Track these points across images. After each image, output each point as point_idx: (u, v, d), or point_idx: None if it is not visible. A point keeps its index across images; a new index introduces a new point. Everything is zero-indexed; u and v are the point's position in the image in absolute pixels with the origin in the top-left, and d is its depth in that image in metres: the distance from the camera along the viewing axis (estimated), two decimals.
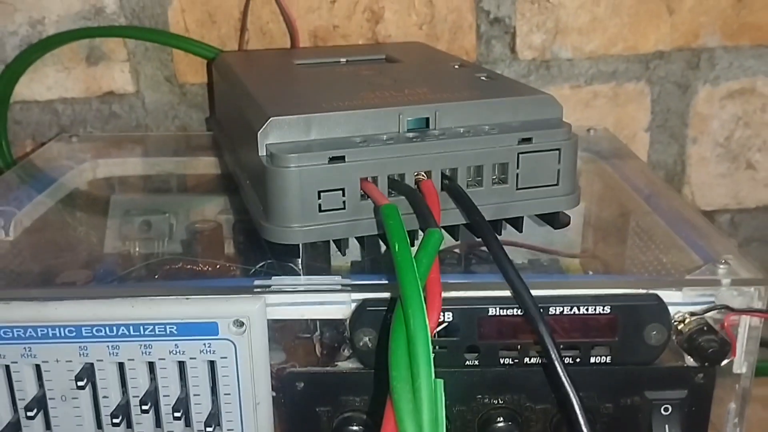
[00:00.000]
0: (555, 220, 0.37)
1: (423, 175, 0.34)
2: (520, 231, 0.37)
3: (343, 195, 0.33)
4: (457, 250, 0.42)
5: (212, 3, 0.57)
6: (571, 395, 0.29)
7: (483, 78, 0.42)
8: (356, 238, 0.35)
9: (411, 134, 0.35)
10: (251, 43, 0.57)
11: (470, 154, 0.35)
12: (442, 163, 0.35)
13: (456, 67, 0.45)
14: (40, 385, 0.33)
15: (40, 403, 0.33)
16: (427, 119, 0.36)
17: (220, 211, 0.53)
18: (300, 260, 0.35)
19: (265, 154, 0.34)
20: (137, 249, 0.52)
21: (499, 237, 0.34)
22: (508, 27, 0.58)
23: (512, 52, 0.59)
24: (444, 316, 0.32)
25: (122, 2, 0.57)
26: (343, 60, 0.49)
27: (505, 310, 0.32)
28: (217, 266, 0.43)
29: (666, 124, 0.61)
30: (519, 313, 0.32)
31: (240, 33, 0.57)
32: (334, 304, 0.32)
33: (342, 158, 0.33)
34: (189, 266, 0.47)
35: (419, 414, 0.26)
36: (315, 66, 0.47)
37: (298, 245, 0.34)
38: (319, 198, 0.33)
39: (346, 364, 0.34)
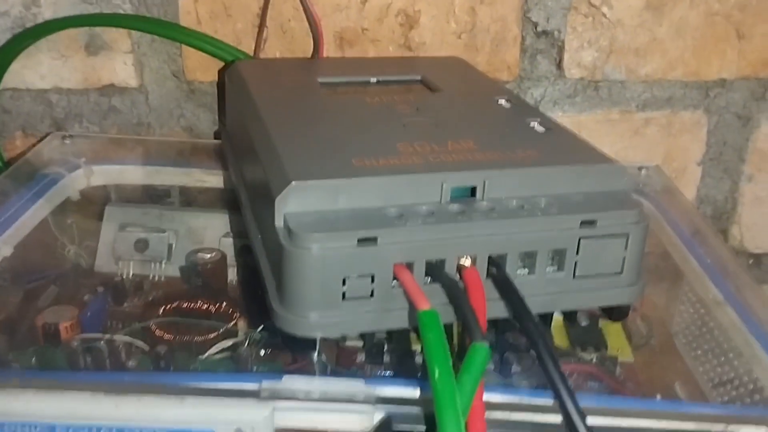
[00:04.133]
0: (613, 312, 0.32)
1: (467, 259, 0.29)
2: (573, 323, 0.32)
3: (372, 281, 0.28)
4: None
5: None
6: None
7: (536, 127, 0.36)
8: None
9: (454, 206, 0.30)
10: (270, 42, 0.51)
11: (523, 239, 0.29)
12: (489, 248, 0.29)
13: (504, 103, 0.39)
14: None
15: None
16: (474, 188, 0.30)
17: (224, 234, 0.48)
18: (317, 353, 0.30)
19: (283, 225, 0.29)
20: (131, 273, 0.47)
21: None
22: (556, 41, 0.52)
23: (558, 68, 0.53)
24: None
25: None
26: (373, 79, 0.43)
27: None
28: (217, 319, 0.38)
29: (720, 157, 0.56)
30: None
31: (258, 30, 0.51)
32: (353, 414, 0.27)
33: (374, 240, 0.28)
34: (188, 308, 0.42)
35: None
36: (341, 88, 0.41)
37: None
38: (344, 284, 0.28)
39: None
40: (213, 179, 0.49)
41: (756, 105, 0.54)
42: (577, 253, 0.30)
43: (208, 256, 0.44)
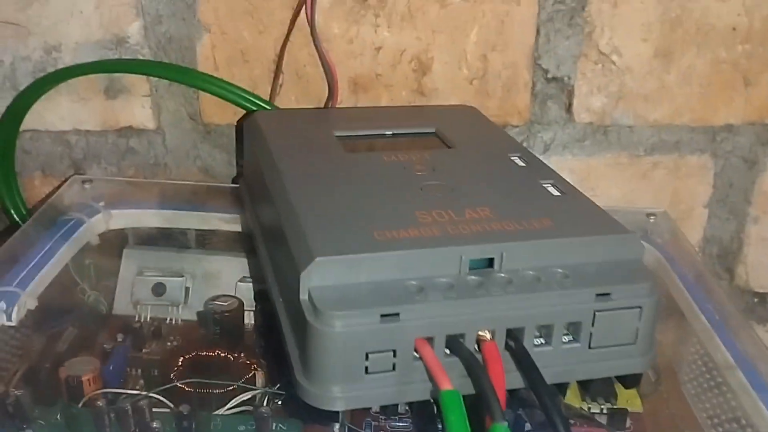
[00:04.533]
0: (627, 379, 0.33)
1: (486, 333, 0.30)
2: (587, 392, 0.32)
3: (394, 356, 0.29)
4: None
5: (246, 41, 0.51)
6: None
7: (551, 189, 0.37)
8: None
9: (473, 278, 0.31)
10: (285, 87, 0.52)
11: (540, 313, 0.30)
12: (507, 323, 0.30)
13: (517, 161, 0.40)
14: None
15: None
16: (492, 258, 0.31)
17: (241, 278, 0.49)
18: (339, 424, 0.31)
19: (307, 299, 0.30)
20: (149, 317, 0.48)
21: None
22: (566, 86, 0.53)
23: (568, 113, 0.54)
24: None
25: (147, 32, 0.51)
26: (388, 132, 0.44)
27: None
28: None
29: (727, 199, 0.57)
30: None
31: (274, 76, 0.52)
32: None
33: (396, 315, 0.29)
34: (207, 358, 0.43)
35: None
36: (358, 142, 0.42)
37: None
38: (367, 359, 0.29)
39: None
40: (230, 223, 0.50)
41: (762, 149, 0.55)
42: (593, 324, 0.31)
43: (226, 303, 0.45)
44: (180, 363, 0.42)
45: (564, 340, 0.31)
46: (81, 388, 0.39)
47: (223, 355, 0.43)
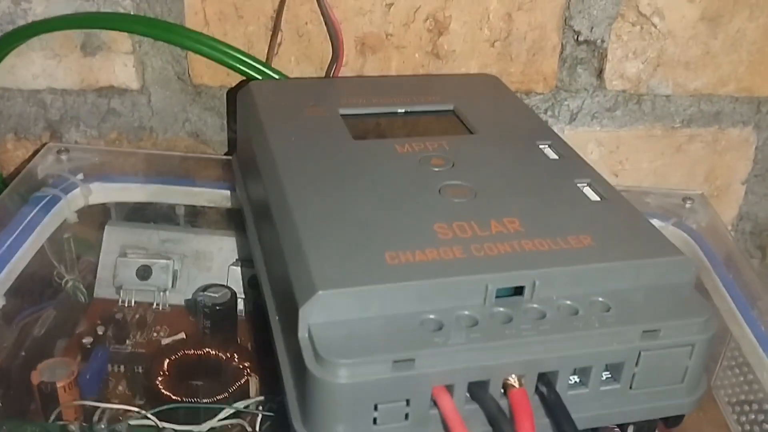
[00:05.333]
0: (669, 419, 0.29)
1: (514, 379, 0.26)
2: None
3: (408, 405, 0.25)
4: None
5: None
6: None
7: (589, 192, 0.32)
8: None
9: (500, 309, 0.26)
10: (284, 47, 0.47)
11: (577, 354, 0.26)
12: (539, 367, 0.26)
13: (548, 152, 0.35)
14: None
15: None
16: (522, 287, 0.27)
17: (233, 262, 0.45)
18: None
19: (307, 337, 0.25)
20: (133, 302, 0.44)
21: None
22: (598, 49, 0.47)
23: (598, 79, 0.48)
24: None
25: None
26: (401, 110, 0.39)
27: None
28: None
29: (766, 175, 0.52)
30: None
31: (272, 34, 0.46)
32: None
33: (410, 361, 0.25)
34: (196, 358, 0.39)
35: None
36: (366, 125, 0.37)
37: None
38: (376, 410, 0.25)
39: None
40: (222, 199, 0.45)
41: None
42: (636, 365, 0.27)
43: (217, 295, 0.41)
44: (166, 365, 0.38)
45: (603, 379, 0.27)
46: (56, 396, 0.35)
47: (214, 355, 0.39)
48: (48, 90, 0.49)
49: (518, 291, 0.27)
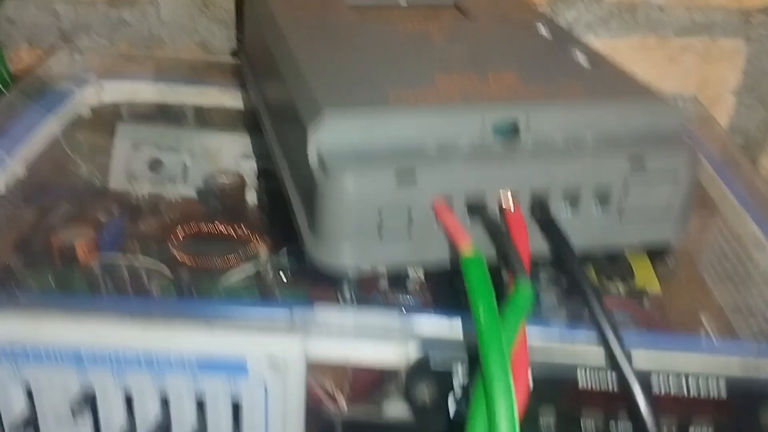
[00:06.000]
0: (654, 254, 0.31)
1: (509, 200, 0.28)
2: (603, 272, 0.30)
3: (410, 218, 0.27)
4: None
5: None
6: None
7: (582, 61, 0.34)
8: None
9: (496, 142, 0.28)
10: None
11: (568, 175, 0.28)
12: (532, 184, 0.28)
13: (544, 33, 0.37)
14: (32, 411, 0.28)
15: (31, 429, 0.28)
16: (516, 123, 0.29)
17: (243, 154, 0.46)
18: (348, 287, 0.29)
19: (315, 156, 0.27)
20: (146, 194, 0.45)
21: None
22: None
23: None
24: None
25: None
26: (403, 2, 0.41)
27: (590, 384, 0.26)
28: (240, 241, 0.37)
29: (756, 86, 0.53)
30: (609, 389, 0.26)
31: None
32: (389, 350, 0.27)
33: (412, 172, 0.26)
34: (207, 231, 0.41)
35: None
36: (371, 12, 0.39)
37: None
38: (380, 221, 0.27)
39: (393, 416, 0.28)
40: (230, 99, 0.47)
41: None
42: (624, 192, 0.29)
43: (227, 179, 0.43)
44: (179, 235, 0.40)
45: (593, 211, 0.29)
46: (75, 256, 0.37)
47: (225, 228, 0.41)
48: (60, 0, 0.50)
49: (514, 130, 0.29)
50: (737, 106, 0.54)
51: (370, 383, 0.28)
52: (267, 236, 0.40)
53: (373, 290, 0.32)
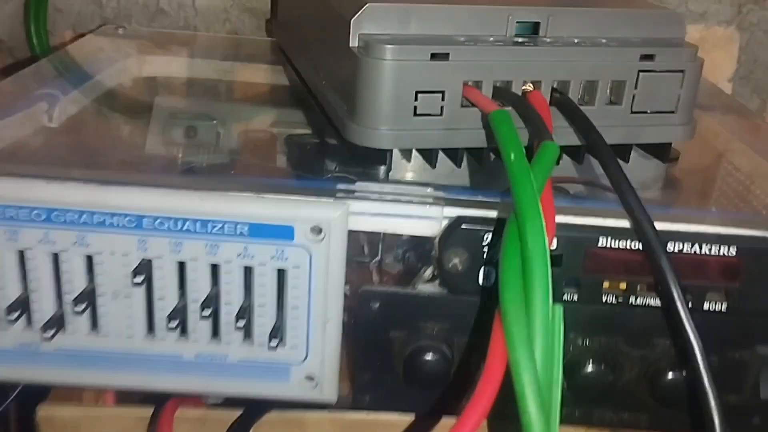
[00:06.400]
0: (664, 153, 0.33)
1: (530, 86, 0.31)
2: (627, 161, 0.33)
3: (443, 99, 0.30)
4: None
5: None
6: (694, 342, 0.26)
7: None
8: (447, 151, 0.31)
9: (519, 39, 0.31)
10: None
11: (586, 67, 0.31)
12: (553, 74, 0.31)
13: None
14: (91, 278, 0.30)
15: (89, 297, 0.29)
16: (538, 24, 0.32)
17: (273, 123, 0.49)
18: (385, 168, 0.31)
19: (357, 44, 0.30)
20: (181, 155, 0.48)
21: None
22: None
23: None
24: None
25: None
26: None
27: (617, 242, 0.28)
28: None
29: (750, 75, 0.57)
30: (634, 247, 0.28)
31: None
32: (424, 219, 0.29)
33: (446, 56, 0.29)
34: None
35: (532, 341, 0.22)
36: None
37: (386, 152, 0.30)
38: (416, 99, 0.29)
39: (425, 287, 0.30)
40: (263, 75, 0.50)
41: None
42: (636, 87, 0.31)
43: (259, 134, 0.46)
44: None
45: (607, 104, 0.32)
46: None
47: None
48: None
49: (535, 30, 0.32)
50: (733, 95, 0.57)
51: (406, 252, 0.30)
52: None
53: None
